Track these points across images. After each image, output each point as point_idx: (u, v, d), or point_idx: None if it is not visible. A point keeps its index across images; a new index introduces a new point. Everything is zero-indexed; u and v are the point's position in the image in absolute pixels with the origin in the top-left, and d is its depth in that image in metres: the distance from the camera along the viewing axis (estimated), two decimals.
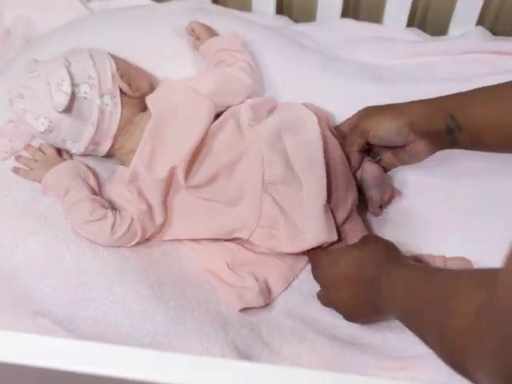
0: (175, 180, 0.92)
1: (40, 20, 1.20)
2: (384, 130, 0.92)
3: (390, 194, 0.99)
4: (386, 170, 1.00)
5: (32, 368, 0.52)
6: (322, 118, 0.99)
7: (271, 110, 1.01)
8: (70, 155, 1.01)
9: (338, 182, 0.92)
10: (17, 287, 0.88)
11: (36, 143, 1.01)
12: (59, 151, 1.00)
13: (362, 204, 0.99)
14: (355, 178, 0.97)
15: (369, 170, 0.97)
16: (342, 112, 1.07)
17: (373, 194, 0.97)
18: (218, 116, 0.97)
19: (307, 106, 1.00)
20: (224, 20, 1.13)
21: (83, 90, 0.93)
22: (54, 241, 0.91)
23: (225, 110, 0.99)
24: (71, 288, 0.87)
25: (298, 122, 0.96)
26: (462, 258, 0.91)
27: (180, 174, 0.90)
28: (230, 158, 0.92)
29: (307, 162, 0.91)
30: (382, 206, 0.99)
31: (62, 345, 0.53)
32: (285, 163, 0.92)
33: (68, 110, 0.91)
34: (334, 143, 0.96)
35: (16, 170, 0.97)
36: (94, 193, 0.95)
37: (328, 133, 0.96)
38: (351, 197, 0.93)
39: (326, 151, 0.93)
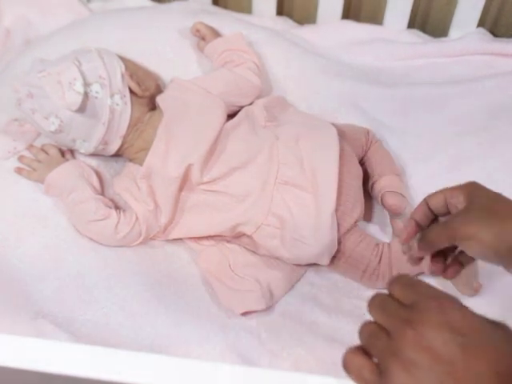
0: (188, 178, 0.93)
1: (40, 21, 1.20)
2: (481, 249, 0.63)
3: None
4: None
5: (31, 372, 0.52)
6: (349, 134, 1.00)
7: (283, 108, 1.01)
8: (73, 155, 1.01)
9: (348, 195, 0.92)
10: (17, 288, 0.88)
11: (39, 143, 1.01)
12: (62, 151, 1.01)
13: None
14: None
15: (386, 200, 0.96)
16: (342, 113, 1.08)
17: (393, 222, 0.97)
18: (229, 116, 0.98)
19: (342, 125, 1.00)
20: (226, 21, 1.13)
21: (94, 89, 0.93)
22: (55, 242, 0.92)
23: (237, 111, 1.00)
24: (72, 290, 0.88)
25: (317, 131, 0.96)
26: None
27: (196, 172, 0.91)
28: (245, 157, 0.93)
29: (321, 169, 0.91)
30: None
31: (61, 349, 0.53)
32: (299, 167, 0.92)
33: (80, 109, 0.91)
34: (353, 159, 0.96)
35: (19, 171, 0.98)
36: (98, 192, 0.95)
37: (348, 147, 0.96)
38: (357, 211, 0.93)
39: (342, 164, 0.93)
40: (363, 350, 0.48)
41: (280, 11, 1.23)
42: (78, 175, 0.95)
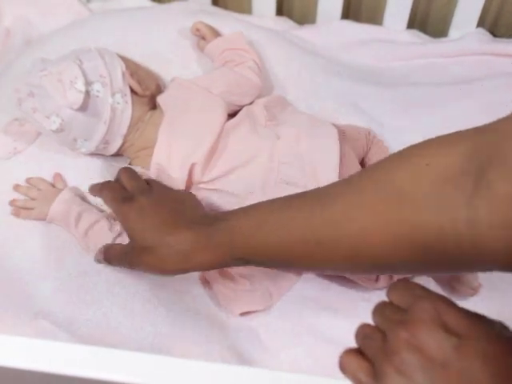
0: (192, 177, 0.93)
1: (40, 21, 1.19)
2: None
3: None
4: None
5: (32, 372, 0.52)
6: (349, 134, 0.99)
7: (283, 107, 1.01)
8: (64, 183, 0.98)
9: None
10: (17, 288, 0.88)
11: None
12: (52, 183, 0.98)
13: None
14: None
15: None
16: (342, 113, 1.08)
17: None
18: (230, 115, 0.98)
19: (342, 125, 1.00)
20: (226, 22, 1.13)
21: (96, 88, 0.93)
22: (55, 242, 0.92)
23: (237, 110, 1.00)
24: (72, 290, 0.88)
25: (317, 131, 0.96)
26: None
27: (198, 172, 0.91)
28: (245, 156, 0.93)
29: (322, 168, 0.91)
30: None
31: (61, 349, 0.53)
32: (300, 166, 0.92)
33: (82, 108, 0.91)
34: (354, 160, 0.96)
35: (17, 213, 0.94)
36: (101, 211, 0.94)
37: (349, 148, 0.96)
38: None
39: (342, 164, 0.92)
40: (360, 352, 0.48)
41: (280, 11, 1.23)
42: (79, 200, 0.94)
